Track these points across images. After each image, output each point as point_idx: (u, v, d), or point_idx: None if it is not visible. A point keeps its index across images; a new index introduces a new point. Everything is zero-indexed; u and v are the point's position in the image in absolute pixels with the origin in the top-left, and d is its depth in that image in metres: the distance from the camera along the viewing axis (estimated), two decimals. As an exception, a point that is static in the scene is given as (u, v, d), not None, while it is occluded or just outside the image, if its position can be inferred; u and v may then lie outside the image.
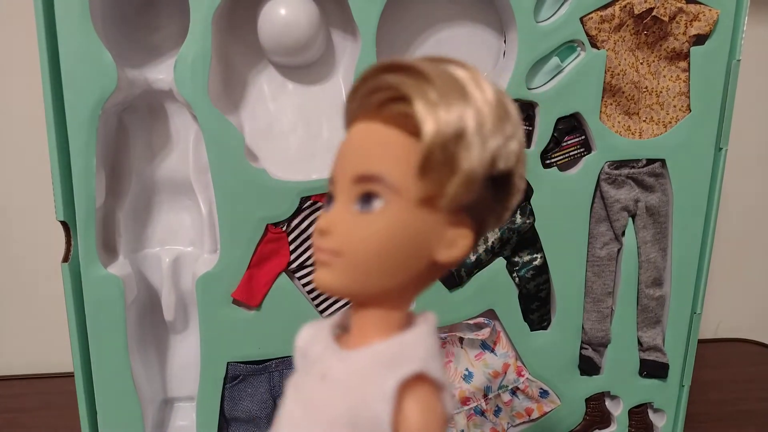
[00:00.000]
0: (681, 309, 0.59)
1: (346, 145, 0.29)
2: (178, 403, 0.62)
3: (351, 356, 0.29)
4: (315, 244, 0.28)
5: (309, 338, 0.31)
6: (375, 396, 0.27)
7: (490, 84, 0.27)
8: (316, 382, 0.29)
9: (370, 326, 0.29)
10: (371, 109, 0.28)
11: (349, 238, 0.27)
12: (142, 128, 0.56)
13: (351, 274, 0.28)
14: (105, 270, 0.52)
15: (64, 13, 0.47)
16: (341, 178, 0.28)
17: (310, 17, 0.51)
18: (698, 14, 0.54)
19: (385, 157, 0.27)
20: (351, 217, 0.27)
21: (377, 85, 0.27)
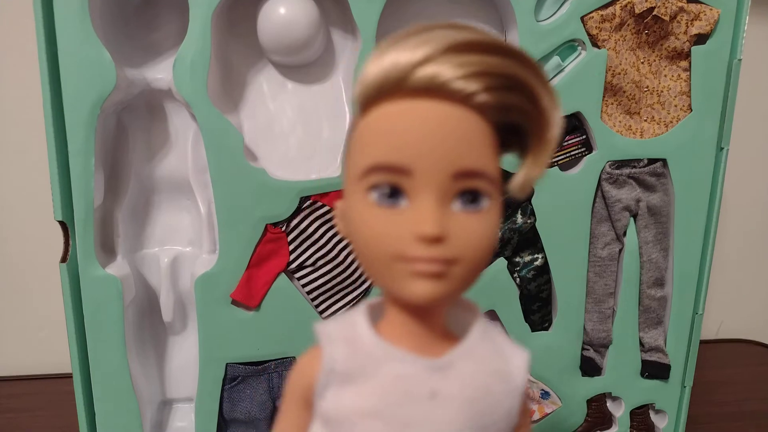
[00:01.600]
0: (683, 309, 0.59)
1: (429, 128, 0.24)
2: (177, 404, 0.61)
3: (453, 365, 0.27)
4: (419, 254, 0.24)
5: (347, 357, 0.27)
6: (505, 395, 0.27)
7: None
8: (423, 405, 0.26)
9: (442, 323, 0.28)
10: (453, 91, 0.24)
11: (467, 243, 0.25)
12: (141, 128, 0.56)
13: (463, 282, 0.25)
14: (103, 270, 0.51)
15: (63, 12, 0.47)
16: (431, 171, 0.24)
17: (310, 16, 0.51)
18: (699, 13, 0.53)
19: (488, 151, 0.25)
20: (460, 219, 0.25)
21: (480, 68, 0.23)
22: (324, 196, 0.54)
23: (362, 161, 0.25)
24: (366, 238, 0.25)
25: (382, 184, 0.25)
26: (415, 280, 0.24)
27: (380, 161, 0.24)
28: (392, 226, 0.24)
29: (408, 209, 0.24)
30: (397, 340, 0.27)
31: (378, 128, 0.25)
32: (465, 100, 0.24)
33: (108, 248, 0.55)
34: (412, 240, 0.24)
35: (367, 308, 0.29)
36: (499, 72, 0.24)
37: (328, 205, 0.54)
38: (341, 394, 0.27)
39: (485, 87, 0.24)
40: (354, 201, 0.26)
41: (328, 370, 0.27)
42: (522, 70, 0.24)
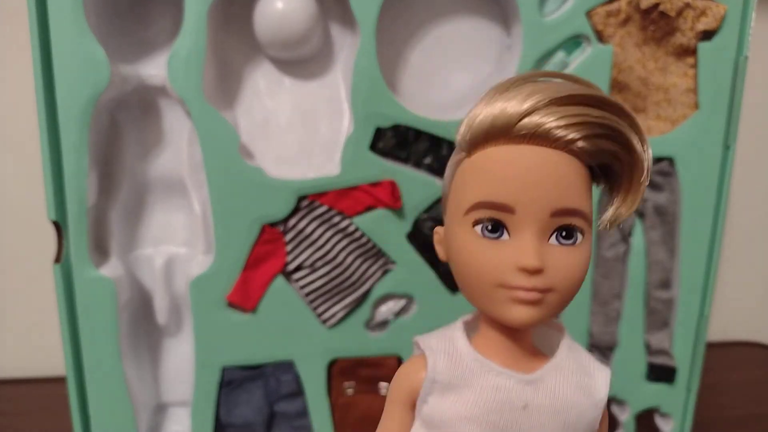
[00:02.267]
0: (689, 311, 0.58)
1: (531, 171, 0.28)
2: (172, 408, 0.61)
3: (543, 379, 0.30)
4: (520, 283, 0.28)
5: (449, 369, 0.30)
6: (588, 407, 0.31)
7: None
8: (515, 414, 0.29)
9: (530, 341, 0.32)
10: (556, 138, 0.27)
11: (561, 275, 0.28)
12: (135, 126, 0.55)
13: (556, 307, 0.29)
14: (97, 271, 0.51)
15: (56, 7, 0.47)
16: (531, 210, 0.28)
17: (308, 10, 0.50)
18: (705, 9, 0.53)
19: (582, 191, 0.29)
20: (556, 252, 0.28)
21: (581, 120, 0.27)
22: (322, 195, 0.53)
23: (468, 198, 0.29)
24: (471, 266, 0.29)
25: (487, 220, 0.28)
26: (514, 305, 0.28)
27: (486, 199, 0.28)
28: (495, 256, 0.28)
29: (510, 242, 0.28)
30: (490, 355, 0.31)
31: (485, 168, 0.28)
32: (565, 146, 0.28)
33: (102, 249, 0.54)
34: (514, 270, 0.28)
35: (463, 325, 0.32)
36: (597, 122, 0.27)
37: (326, 205, 0.53)
38: (443, 401, 0.30)
39: (584, 135, 0.27)
40: (459, 232, 0.29)
41: (432, 379, 0.30)
42: (618, 120, 0.28)
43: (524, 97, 0.27)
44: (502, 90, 0.28)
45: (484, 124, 0.28)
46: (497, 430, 0.29)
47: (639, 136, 0.28)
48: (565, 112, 0.27)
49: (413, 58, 0.56)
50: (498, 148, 0.28)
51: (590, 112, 0.27)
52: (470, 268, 0.29)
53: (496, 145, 0.28)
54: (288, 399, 0.56)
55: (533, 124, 0.27)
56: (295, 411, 0.56)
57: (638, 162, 0.28)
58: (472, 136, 0.29)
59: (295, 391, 0.56)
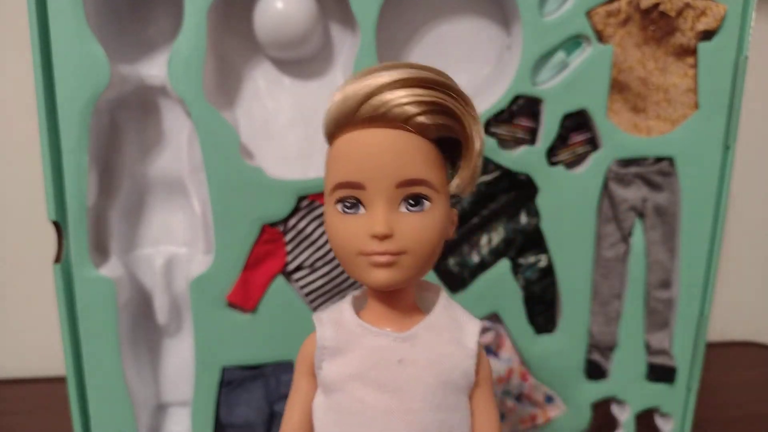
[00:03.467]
0: (689, 311, 0.58)
1: (373, 151, 0.31)
2: (173, 408, 0.61)
3: (417, 336, 0.34)
4: (373, 249, 0.31)
5: (335, 335, 0.34)
6: (461, 357, 0.34)
7: None
8: (392, 369, 0.33)
9: (411, 304, 0.35)
10: (393, 117, 0.31)
11: (412, 237, 0.32)
12: (135, 126, 0.55)
13: (414, 268, 0.32)
14: (97, 271, 0.51)
15: (57, 8, 0.47)
16: (378, 184, 0.31)
17: (308, 10, 0.50)
18: (705, 9, 0.53)
19: (426, 163, 0.32)
20: (405, 218, 0.32)
21: (414, 99, 0.30)
22: (322, 195, 0.53)
23: (330, 181, 0.33)
24: (337, 239, 0.33)
25: (345, 198, 0.32)
26: (373, 269, 0.32)
27: (341, 180, 0.32)
28: (354, 228, 0.32)
29: (365, 215, 0.32)
30: (374, 320, 0.35)
31: (338, 154, 0.32)
32: (404, 124, 0.31)
33: (102, 249, 0.54)
34: (368, 238, 0.31)
35: (352, 298, 0.36)
36: (428, 100, 0.31)
37: (326, 205, 0.53)
38: (332, 364, 0.34)
39: (419, 111, 0.31)
40: (328, 211, 0.34)
41: (321, 346, 0.34)
42: (446, 97, 0.31)
43: (363, 84, 0.31)
44: (349, 81, 0.32)
45: (334, 113, 0.32)
46: (378, 384, 0.33)
47: (468, 111, 0.32)
48: (400, 93, 0.30)
49: (413, 58, 0.56)
50: (348, 134, 0.32)
51: (422, 92, 0.31)
52: (337, 240, 0.33)
53: (348, 132, 0.32)
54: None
55: (373, 107, 0.31)
56: (296, 411, 0.56)
57: (468, 132, 0.32)
58: (327, 126, 0.33)
59: (295, 391, 0.56)
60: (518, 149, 0.55)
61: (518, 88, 0.52)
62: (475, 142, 0.32)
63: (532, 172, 0.55)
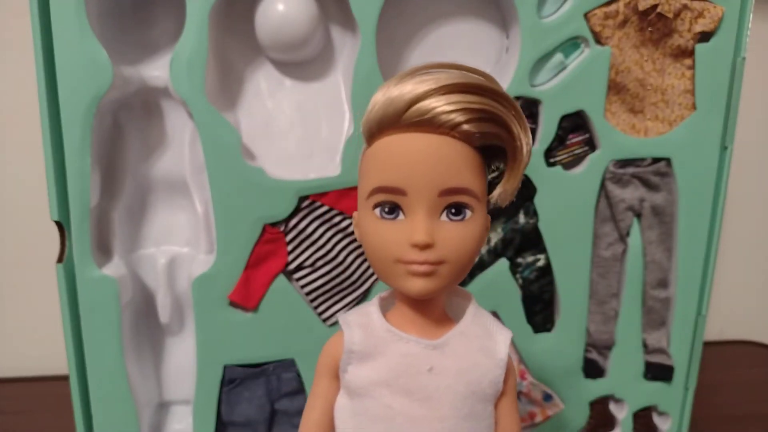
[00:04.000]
0: (686, 310, 0.59)
1: (417, 157, 0.30)
2: (175, 407, 0.61)
3: (448, 344, 0.33)
4: (413, 258, 0.31)
5: (363, 340, 0.33)
6: (490, 367, 0.34)
7: None
8: (422, 377, 0.32)
9: (441, 311, 0.35)
10: (439, 124, 0.30)
11: (452, 247, 0.31)
12: (137, 127, 0.55)
13: (451, 277, 0.32)
14: (99, 271, 0.51)
15: (59, 9, 0.47)
16: (420, 191, 0.30)
17: (309, 13, 0.50)
18: (703, 11, 0.53)
19: (470, 171, 0.31)
20: (446, 228, 0.31)
21: (462, 107, 0.30)
22: (323, 195, 0.53)
23: (368, 184, 0.32)
24: (373, 245, 0.32)
25: (383, 203, 0.31)
26: (411, 278, 0.31)
27: (381, 184, 0.31)
28: (392, 235, 0.31)
29: (404, 222, 0.31)
30: (403, 326, 0.34)
31: (379, 157, 0.31)
32: (450, 131, 0.30)
33: (104, 248, 0.54)
34: (407, 246, 0.31)
35: (379, 300, 0.35)
36: (477, 107, 0.30)
37: (327, 205, 0.53)
38: (359, 369, 0.33)
39: (466, 119, 0.30)
40: (364, 215, 0.33)
41: (349, 350, 0.33)
42: (496, 105, 0.30)
43: (411, 87, 0.30)
44: (394, 82, 0.31)
45: (378, 114, 0.31)
46: (406, 392, 0.32)
47: (518, 119, 0.31)
48: (448, 99, 0.30)
49: (413, 59, 0.56)
50: (391, 137, 0.31)
51: (471, 98, 0.30)
52: (373, 246, 0.32)
53: (390, 134, 0.31)
54: (289, 397, 0.56)
55: (419, 111, 0.30)
56: (297, 409, 0.56)
57: (517, 141, 0.31)
58: (368, 127, 0.32)
59: (296, 390, 0.56)
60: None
61: (516, 89, 0.53)
62: (524, 151, 0.32)
63: (530, 172, 0.55)
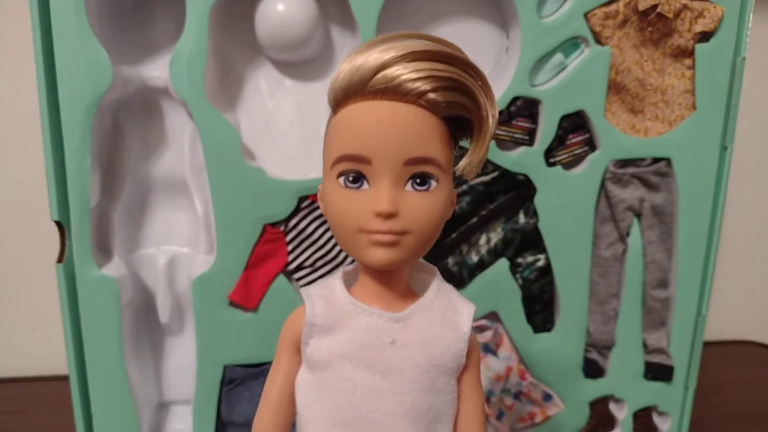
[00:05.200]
0: (686, 310, 0.59)
1: (382, 125, 0.29)
2: (175, 407, 0.61)
3: (411, 317, 0.33)
4: (376, 227, 0.30)
5: (325, 312, 0.33)
6: (453, 340, 0.33)
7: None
8: (384, 349, 0.32)
9: (404, 284, 0.34)
10: (405, 92, 0.29)
11: (416, 218, 0.30)
12: (137, 127, 0.55)
13: (414, 248, 0.31)
14: (99, 271, 0.51)
15: (59, 9, 0.47)
16: (386, 160, 0.30)
17: (309, 13, 0.50)
18: (703, 11, 0.53)
19: (435, 141, 0.30)
20: (411, 198, 0.30)
21: (428, 74, 0.29)
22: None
23: (332, 152, 0.31)
24: (336, 215, 0.31)
25: (348, 171, 0.30)
26: (374, 248, 0.30)
27: (345, 152, 0.30)
28: (356, 204, 0.30)
29: (369, 191, 0.30)
30: (366, 298, 0.33)
31: (344, 125, 0.31)
32: (416, 99, 0.29)
33: (104, 248, 0.54)
34: (371, 216, 0.30)
35: (343, 274, 0.35)
36: (444, 76, 0.29)
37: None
38: (321, 342, 0.33)
39: (432, 88, 0.29)
40: (327, 185, 0.32)
41: (310, 323, 0.33)
42: (463, 74, 0.30)
43: (378, 55, 0.29)
44: (361, 50, 0.30)
45: (344, 81, 0.30)
46: (368, 365, 0.32)
47: (484, 89, 0.30)
48: (415, 67, 0.29)
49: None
50: (356, 105, 0.30)
51: (437, 66, 0.29)
52: (336, 216, 0.31)
53: (355, 102, 0.30)
54: (289, 397, 0.56)
55: (386, 79, 0.29)
56: (296, 409, 0.57)
57: (483, 111, 0.30)
58: (334, 94, 0.31)
59: (296, 390, 0.56)
60: (517, 150, 0.55)
61: (517, 89, 0.53)
62: (489, 122, 0.31)
63: (530, 172, 0.55)
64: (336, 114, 0.32)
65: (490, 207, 0.56)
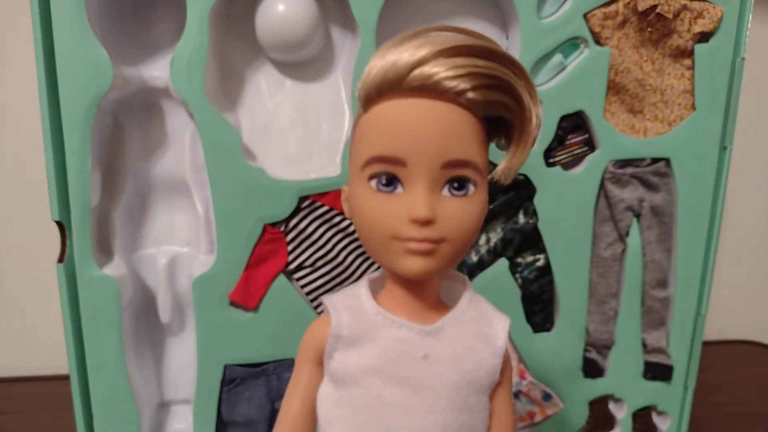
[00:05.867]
0: (685, 310, 0.59)
1: (419, 124, 0.27)
2: (175, 406, 0.61)
3: (443, 329, 0.31)
4: (412, 234, 0.28)
5: (352, 324, 0.31)
6: (487, 354, 0.31)
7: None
8: (417, 364, 0.30)
9: (435, 294, 0.32)
10: (443, 90, 0.27)
11: (453, 225, 0.28)
12: (138, 127, 0.55)
13: (451, 257, 0.29)
14: (100, 271, 0.51)
15: (60, 10, 0.47)
16: (422, 162, 0.28)
17: (309, 13, 0.50)
18: (702, 11, 0.53)
19: (474, 143, 0.29)
20: (448, 203, 0.28)
21: (468, 71, 0.27)
22: (323, 195, 0.53)
23: (363, 153, 0.29)
24: (366, 220, 0.29)
25: (380, 174, 0.28)
26: (408, 256, 0.28)
27: (378, 153, 0.28)
28: (389, 209, 0.28)
29: (403, 195, 0.28)
30: (394, 309, 0.31)
31: (377, 123, 0.28)
32: (455, 98, 0.28)
33: (105, 248, 0.54)
34: (406, 222, 0.28)
35: (368, 282, 0.33)
36: (486, 73, 0.27)
37: (327, 205, 0.53)
38: (347, 355, 0.31)
39: (473, 86, 0.27)
40: (357, 187, 0.30)
41: (336, 335, 0.31)
42: (506, 71, 0.28)
43: (413, 50, 0.27)
44: (394, 44, 0.28)
45: (377, 78, 0.28)
46: (398, 380, 0.30)
47: (528, 87, 0.28)
48: (454, 63, 0.27)
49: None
50: (390, 103, 0.28)
51: (478, 62, 0.27)
52: (366, 221, 0.29)
53: (389, 100, 0.28)
54: (289, 397, 0.56)
55: (423, 76, 0.27)
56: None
57: (527, 112, 0.29)
58: (366, 91, 0.29)
59: (296, 389, 0.56)
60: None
61: (516, 89, 0.53)
62: (533, 123, 0.29)
63: (529, 172, 0.55)
64: (367, 112, 0.29)
65: (490, 207, 0.57)
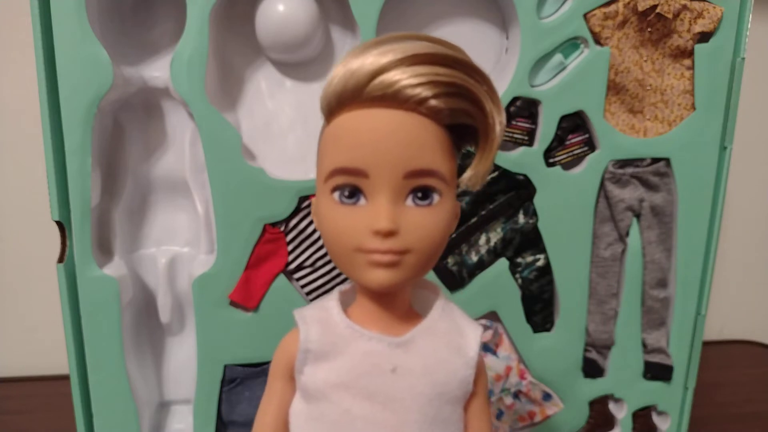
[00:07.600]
0: (685, 310, 0.59)
1: (380, 135, 0.27)
2: (175, 406, 0.61)
3: (413, 341, 0.30)
4: (375, 246, 0.27)
5: (321, 337, 0.30)
6: (459, 365, 0.31)
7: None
8: (385, 378, 0.29)
9: (406, 305, 0.32)
10: (405, 99, 0.26)
11: (418, 235, 0.28)
12: (138, 127, 0.55)
13: (417, 268, 0.29)
14: (100, 271, 0.51)
15: (60, 10, 0.47)
16: (384, 173, 0.27)
17: (309, 13, 0.51)
18: (702, 11, 0.53)
19: (437, 151, 0.28)
20: (412, 213, 0.28)
21: (429, 79, 0.26)
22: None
23: (326, 165, 0.29)
24: (331, 233, 0.29)
25: (343, 186, 0.28)
26: (373, 269, 0.28)
27: (340, 165, 0.28)
28: (352, 221, 0.28)
29: (366, 207, 0.28)
30: (364, 322, 0.31)
31: (338, 135, 0.28)
32: (417, 107, 0.27)
33: (105, 248, 0.54)
34: (369, 234, 0.27)
35: (339, 295, 0.32)
36: (447, 81, 0.27)
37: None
38: (316, 370, 0.30)
39: (435, 94, 0.27)
40: (321, 199, 0.29)
41: (305, 349, 0.30)
42: (468, 79, 0.27)
43: (374, 58, 0.26)
44: (356, 53, 0.27)
45: (338, 87, 0.27)
46: (368, 395, 0.29)
47: (490, 95, 0.28)
48: (415, 71, 0.26)
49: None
50: (351, 113, 0.27)
51: (439, 70, 0.26)
52: (331, 234, 0.29)
53: (350, 111, 0.27)
54: (289, 397, 0.56)
55: (383, 85, 0.26)
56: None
57: (489, 119, 0.28)
58: (327, 101, 0.28)
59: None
60: (516, 150, 0.55)
61: (516, 89, 0.53)
62: (496, 130, 0.28)
63: (529, 172, 0.55)
64: (329, 123, 0.29)
65: (490, 207, 0.57)
